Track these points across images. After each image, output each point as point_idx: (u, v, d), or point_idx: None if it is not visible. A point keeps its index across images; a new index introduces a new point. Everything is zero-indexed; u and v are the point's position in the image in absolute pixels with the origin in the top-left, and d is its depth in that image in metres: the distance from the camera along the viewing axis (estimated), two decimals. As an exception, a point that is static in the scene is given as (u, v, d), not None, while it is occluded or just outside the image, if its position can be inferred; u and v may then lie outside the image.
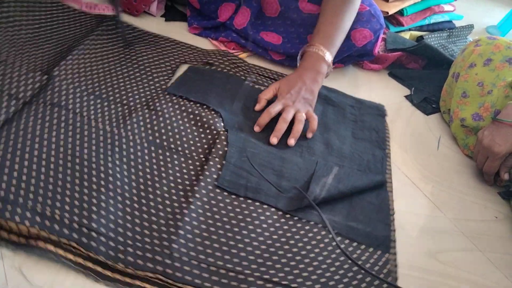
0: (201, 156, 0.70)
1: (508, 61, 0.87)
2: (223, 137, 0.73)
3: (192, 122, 0.75)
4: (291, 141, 0.76)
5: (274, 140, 0.75)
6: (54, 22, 0.90)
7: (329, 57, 0.84)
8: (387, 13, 1.17)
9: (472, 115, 0.88)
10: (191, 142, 0.72)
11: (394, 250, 0.64)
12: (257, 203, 0.64)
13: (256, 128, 0.78)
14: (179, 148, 0.70)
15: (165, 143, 0.70)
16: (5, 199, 0.54)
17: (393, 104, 1.00)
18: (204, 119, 0.76)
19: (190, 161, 0.68)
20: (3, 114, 0.65)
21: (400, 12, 1.20)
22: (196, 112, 0.77)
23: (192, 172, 0.67)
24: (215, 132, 0.74)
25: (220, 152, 0.70)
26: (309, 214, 0.65)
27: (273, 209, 0.64)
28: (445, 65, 1.10)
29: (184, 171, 0.66)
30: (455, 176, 0.85)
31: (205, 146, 0.72)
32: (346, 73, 1.05)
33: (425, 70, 1.14)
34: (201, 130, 0.74)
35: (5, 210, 0.52)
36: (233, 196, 0.65)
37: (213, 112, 0.78)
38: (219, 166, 0.68)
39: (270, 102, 0.81)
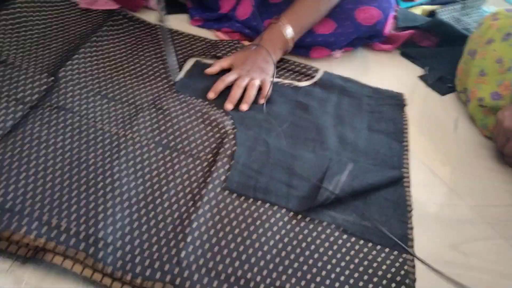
0: (209, 156, 0.68)
1: (528, 35, 0.82)
2: (231, 136, 0.71)
3: (200, 121, 0.73)
4: (243, 106, 0.77)
5: (229, 106, 0.77)
6: (60, 21, 0.89)
7: (289, 33, 0.85)
8: (397, -12, 1.11)
9: (491, 94, 0.84)
10: (199, 141, 0.70)
11: (412, 249, 0.61)
12: (267, 205, 0.63)
13: (211, 95, 0.78)
14: (187, 149, 0.68)
15: (172, 144, 0.68)
16: (11, 209, 0.53)
17: (407, 86, 0.96)
18: (212, 117, 0.74)
19: (198, 162, 0.66)
20: (10, 120, 0.65)
21: (411, -13, 1.14)
22: (204, 110, 0.75)
23: (200, 174, 0.65)
24: (223, 131, 0.72)
25: (229, 152, 0.68)
26: (322, 214, 0.63)
27: (283, 210, 0.62)
28: (459, 41, 1.05)
29: (192, 172, 0.65)
30: (474, 160, 0.81)
31: (213, 145, 0.70)
32: (356, 57, 1.01)
33: (439, 48, 1.08)
34: (209, 128, 0.72)
35: (12, 222, 0.52)
36: (242, 199, 0.63)
37: (221, 110, 0.76)
38: (227, 166, 0.66)
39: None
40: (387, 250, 0.60)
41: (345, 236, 0.61)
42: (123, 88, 0.77)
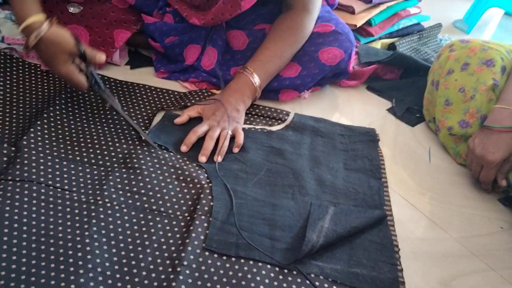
0: (186, 214, 0.65)
1: (485, 64, 0.85)
2: (207, 191, 0.68)
3: (174, 177, 0.71)
4: (218, 158, 0.76)
5: (202, 158, 0.75)
6: (22, 85, 0.85)
7: (256, 81, 0.85)
8: (355, 26, 1.15)
9: (459, 122, 0.86)
10: (174, 199, 0.67)
11: (405, 293, 0.60)
12: (251, 262, 0.60)
13: (183, 148, 0.77)
14: (162, 209, 0.65)
15: (146, 205, 0.65)
16: None
17: (378, 120, 0.97)
18: (187, 172, 0.71)
19: (174, 222, 0.63)
20: None
21: (368, 23, 1.18)
22: (178, 165, 0.72)
23: (178, 235, 0.62)
24: (198, 186, 0.69)
25: (206, 208, 0.65)
26: (308, 265, 0.60)
27: (269, 266, 0.60)
28: (421, 71, 1.09)
29: (169, 234, 0.62)
30: (451, 189, 0.82)
31: (189, 202, 0.67)
32: (324, 95, 1.02)
33: (403, 79, 1.11)
34: (183, 184, 0.70)
35: None
36: (224, 258, 0.60)
37: (195, 163, 0.74)
38: (205, 224, 0.63)
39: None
40: None
41: (335, 287, 0.59)
42: (90, 150, 0.73)
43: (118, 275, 0.55)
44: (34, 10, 0.71)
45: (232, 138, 0.79)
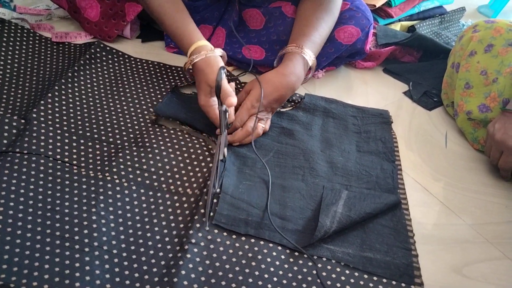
0: (196, 191, 0.64)
1: (511, 45, 0.81)
2: (217, 168, 0.66)
3: (185, 155, 0.69)
4: (235, 143, 0.72)
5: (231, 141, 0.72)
6: (34, 58, 0.84)
7: (311, 59, 0.78)
8: (374, 6, 1.11)
9: (479, 106, 0.82)
10: (185, 178, 0.65)
11: (420, 279, 0.57)
12: (262, 242, 0.58)
13: (236, 143, 0.73)
14: (172, 187, 0.64)
15: (155, 183, 0.64)
16: None
17: (393, 103, 0.94)
18: (199, 151, 0.70)
19: (184, 198, 0.62)
20: None
21: (388, 3, 1.14)
22: (190, 144, 0.71)
23: (187, 212, 0.60)
24: (210, 164, 0.68)
25: (217, 183, 0.64)
26: (319, 248, 0.59)
27: (279, 247, 0.58)
28: (442, 54, 1.05)
29: (178, 211, 0.60)
30: (468, 175, 0.79)
31: (200, 180, 0.65)
32: (339, 76, 0.99)
33: (422, 62, 1.08)
34: (195, 163, 0.68)
35: None
36: (234, 236, 0.58)
37: (203, 143, 0.72)
38: (215, 200, 0.62)
39: None
40: (394, 283, 0.56)
41: (347, 271, 0.57)
42: (101, 126, 0.72)
43: (124, 254, 0.54)
44: (199, 36, 0.75)
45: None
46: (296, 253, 0.58)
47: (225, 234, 0.58)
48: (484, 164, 0.82)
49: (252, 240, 0.58)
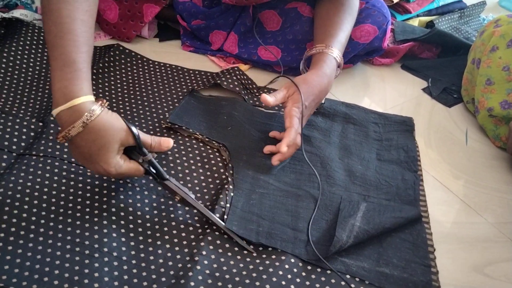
0: (208, 203, 0.63)
1: (534, 40, 0.79)
2: (230, 179, 0.65)
3: (199, 164, 0.68)
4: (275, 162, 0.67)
5: (275, 162, 0.67)
6: None
7: (339, 57, 0.76)
8: (392, 1, 1.09)
9: (500, 103, 0.80)
10: (197, 188, 0.65)
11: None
12: (273, 256, 0.56)
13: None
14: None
15: (167, 191, 0.64)
16: None
17: (411, 100, 0.93)
18: (213, 161, 0.69)
19: (195, 210, 0.61)
20: None
21: (406, -1, 1.13)
22: (204, 154, 0.70)
23: (198, 224, 0.60)
24: (224, 176, 0.67)
25: (228, 198, 0.62)
26: (333, 260, 0.56)
27: (292, 260, 0.56)
28: (461, 50, 1.03)
29: (189, 221, 0.60)
30: (489, 173, 0.77)
31: (212, 192, 0.65)
32: (356, 73, 0.98)
33: (441, 58, 1.06)
34: (208, 173, 0.67)
35: None
36: (245, 252, 0.57)
37: (217, 153, 0.71)
38: (227, 214, 0.60)
39: None
40: None
41: None
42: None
43: (134, 261, 0.54)
44: (85, 90, 0.53)
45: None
46: (309, 267, 0.56)
47: (236, 249, 0.57)
48: (506, 161, 0.80)
49: (264, 256, 0.57)
